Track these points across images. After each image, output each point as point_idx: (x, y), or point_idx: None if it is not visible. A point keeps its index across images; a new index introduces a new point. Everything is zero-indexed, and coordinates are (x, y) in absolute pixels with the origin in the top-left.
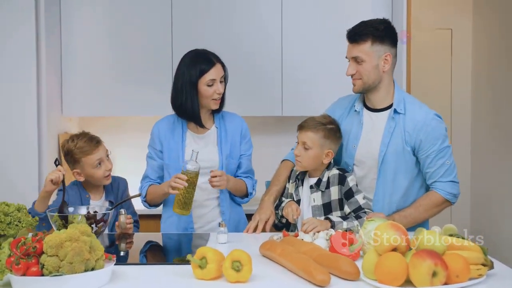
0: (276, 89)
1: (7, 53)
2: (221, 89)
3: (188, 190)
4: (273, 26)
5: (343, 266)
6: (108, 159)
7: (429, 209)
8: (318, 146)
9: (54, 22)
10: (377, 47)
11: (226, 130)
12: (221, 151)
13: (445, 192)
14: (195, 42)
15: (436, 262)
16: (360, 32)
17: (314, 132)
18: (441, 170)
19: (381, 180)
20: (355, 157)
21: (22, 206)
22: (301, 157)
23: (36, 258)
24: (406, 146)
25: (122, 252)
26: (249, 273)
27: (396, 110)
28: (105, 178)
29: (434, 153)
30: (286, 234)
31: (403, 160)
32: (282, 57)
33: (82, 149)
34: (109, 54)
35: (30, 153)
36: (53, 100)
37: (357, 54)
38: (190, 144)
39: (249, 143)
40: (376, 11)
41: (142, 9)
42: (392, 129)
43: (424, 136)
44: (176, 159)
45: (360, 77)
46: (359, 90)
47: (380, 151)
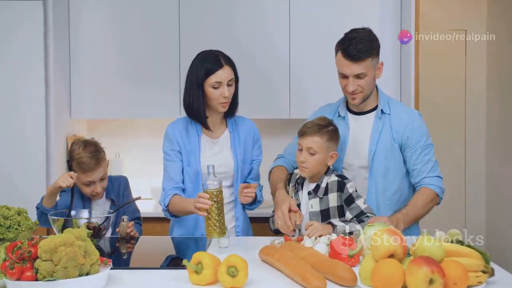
0: (283, 92)
1: (15, 56)
2: (227, 92)
3: (217, 211)
4: (280, 28)
5: (340, 272)
6: (102, 181)
7: (425, 205)
8: (324, 149)
9: (62, 25)
10: (375, 60)
11: (239, 134)
12: (235, 156)
13: (435, 187)
14: (203, 44)
15: (433, 269)
16: (363, 49)
17: (319, 137)
18: (428, 165)
19: (372, 179)
20: (344, 160)
21: (23, 209)
22: (307, 163)
23: (31, 262)
24: (394, 143)
25: (124, 255)
26: (245, 278)
27: (382, 111)
28: (92, 195)
29: (420, 148)
30: (288, 239)
31: (392, 157)
32: (290, 59)
33: (80, 164)
34: (117, 57)
35: (38, 156)
36: (61, 103)
37: (361, 71)
38: (205, 148)
39: (260, 148)
40: (384, 13)
41: (150, 12)
42: (380, 128)
43: (411, 132)
44: (193, 164)
45: (361, 91)
46: (360, 102)
47: (370, 150)
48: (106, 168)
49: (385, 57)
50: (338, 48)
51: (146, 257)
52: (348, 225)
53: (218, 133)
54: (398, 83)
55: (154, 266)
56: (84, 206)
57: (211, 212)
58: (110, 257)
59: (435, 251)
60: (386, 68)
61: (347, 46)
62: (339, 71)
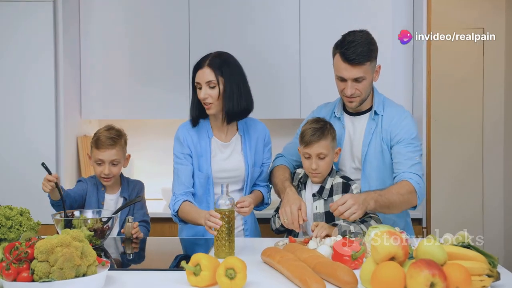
0: (293, 92)
1: (25, 56)
2: (202, 94)
3: (227, 231)
4: (291, 28)
5: (341, 275)
6: (113, 166)
7: (400, 193)
8: (331, 149)
9: (73, 26)
10: (373, 63)
11: (250, 138)
12: (246, 159)
13: (414, 181)
14: (212, 45)
15: (434, 272)
16: (362, 53)
17: (325, 139)
18: (409, 162)
19: (365, 181)
20: (339, 161)
21: (25, 210)
22: (320, 168)
23: (27, 263)
24: (383, 144)
25: (130, 256)
26: (243, 280)
27: (376, 112)
28: (102, 178)
29: (405, 141)
30: (292, 240)
31: (382, 160)
32: (300, 59)
33: (96, 141)
34: (127, 58)
35: (48, 155)
36: (72, 103)
37: (359, 75)
38: (215, 152)
39: (270, 151)
40: (396, 12)
41: (160, 12)
42: (373, 129)
43: (399, 130)
44: (204, 168)
45: (359, 95)
46: (357, 106)
47: (362, 151)
48: (121, 156)
49: (397, 58)
50: (335, 51)
51: (151, 258)
52: (352, 225)
53: (229, 136)
54: (410, 83)
55: (162, 267)
56: (98, 199)
57: (222, 232)
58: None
59: (437, 253)
60: (398, 69)
61: (345, 49)
62: (337, 74)
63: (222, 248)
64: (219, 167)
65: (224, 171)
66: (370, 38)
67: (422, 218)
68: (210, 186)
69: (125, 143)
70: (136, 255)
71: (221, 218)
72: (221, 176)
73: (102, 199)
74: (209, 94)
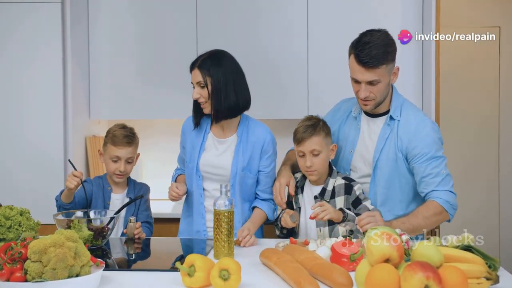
0: (301, 92)
1: (34, 57)
2: (194, 94)
3: (226, 232)
4: (298, 27)
5: (336, 277)
6: (127, 164)
7: (428, 217)
8: (325, 146)
9: (81, 27)
10: (390, 65)
11: (247, 141)
12: (236, 162)
13: (442, 200)
14: (220, 45)
15: (428, 275)
16: (376, 56)
17: (317, 136)
18: (437, 179)
19: (374, 186)
20: (352, 162)
21: (25, 210)
22: (315, 165)
23: (21, 263)
24: (398, 152)
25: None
26: (237, 282)
27: (392, 117)
28: (115, 175)
29: (428, 160)
30: (294, 241)
31: (395, 167)
32: (308, 59)
33: (112, 138)
34: (136, 58)
35: (56, 156)
36: (80, 104)
37: (374, 78)
38: (210, 147)
39: (271, 158)
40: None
41: (168, 13)
42: (387, 135)
43: (417, 142)
44: (192, 160)
45: (373, 98)
46: (372, 109)
47: (374, 157)
48: (134, 156)
49: (406, 58)
50: (351, 50)
51: (153, 258)
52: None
53: (227, 134)
54: (420, 84)
55: (163, 267)
56: (104, 199)
57: (221, 233)
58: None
59: (432, 256)
60: (407, 69)
61: (360, 51)
62: (351, 75)
63: (222, 249)
64: (207, 162)
65: (211, 167)
66: (388, 39)
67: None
68: (199, 178)
69: (138, 142)
70: (138, 255)
71: (220, 219)
72: (208, 170)
73: (108, 198)
74: (200, 94)
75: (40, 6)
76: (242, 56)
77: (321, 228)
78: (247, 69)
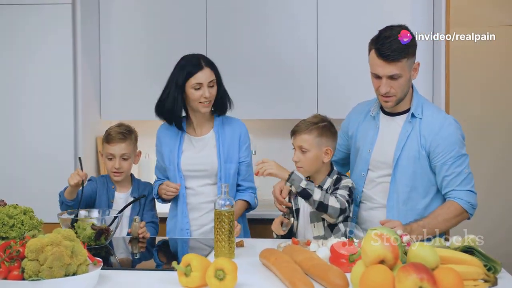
0: (311, 92)
1: (44, 57)
2: (207, 93)
3: (227, 232)
4: (308, 28)
5: (332, 277)
6: (124, 160)
7: (448, 219)
8: (315, 146)
9: (92, 27)
10: (411, 60)
11: (225, 134)
12: (219, 155)
13: (462, 201)
14: (229, 46)
15: (422, 276)
16: (398, 49)
17: (307, 134)
18: (458, 178)
19: (394, 186)
20: (370, 162)
21: (29, 209)
22: (301, 162)
23: (19, 262)
24: (422, 150)
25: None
26: (233, 282)
27: (413, 114)
28: (112, 173)
29: (452, 159)
30: (296, 242)
31: (419, 166)
32: (317, 59)
33: (107, 136)
34: (147, 58)
35: (66, 156)
36: (91, 104)
37: (395, 72)
38: (187, 146)
39: (248, 149)
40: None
41: (178, 13)
42: (408, 132)
43: (441, 140)
44: (173, 162)
45: (394, 94)
46: (393, 106)
47: (394, 155)
48: (131, 151)
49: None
50: (371, 46)
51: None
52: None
53: (202, 132)
54: (430, 83)
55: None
56: (108, 197)
57: (222, 233)
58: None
59: (428, 257)
60: None
61: (380, 45)
62: (372, 71)
63: (222, 249)
64: (189, 161)
65: (195, 165)
66: (410, 32)
67: None
68: (181, 179)
69: (135, 139)
70: (142, 254)
71: (221, 219)
72: (192, 169)
73: (112, 197)
74: (210, 93)
75: (51, 7)
76: (252, 56)
77: (315, 224)
78: (256, 69)
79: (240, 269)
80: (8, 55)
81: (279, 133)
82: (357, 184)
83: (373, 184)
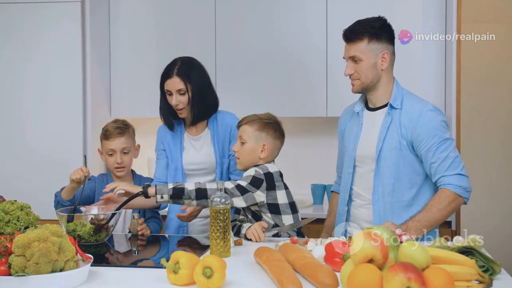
0: (321, 90)
1: (53, 54)
2: (173, 101)
3: (222, 230)
4: (318, 25)
5: (321, 277)
6: (124, 154)
7: (442, 208)
8: (253, 138)
9: (102, 25)
10: (374, 45)
11: (218, 130)
12: (216, 151)
13: (453, 186)
14: (239, 44)
15: (410, 276)
16: (356, 31)
17: (249, 125)
18: (445, 163)
19: (378, 178)
20: (356, 158)
21: (26, 205)
22: (239, 153)
23: (6, 257)
24: (402, 140)
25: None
26: (221, 280)
27: (392, 106)
28: (115, 169)
29: (435, 145)
30: (294, 241)
31: (401, 156)
32: (327, 56)
33: (105, 132)
34: (156, 56)
35: (76, 154)
36: (101, 102)
37: (354, 53)
38: (187, 146)
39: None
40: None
41: (188, 11)
42: (388, 124)
43: (421, 128)
44: (175, 161)
45: (358, 77)
46: (358, 90)
47: (377, 148)
48: (131, 144)
49: (429, 56)
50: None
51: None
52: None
53: (199, 131)
54: (442, 82)
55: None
56: None
57: (217, 231)
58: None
59: (417, 256)
60: (429, 67)
61: (347, 27)
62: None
63: (217, 247)
64: (190, 160)
65: (195, 164)
66: (380, 21)
67: (451, 221)
68: (182, 178)
69: (133, 132)
70: (141, 251)
71: (216, 216)
72: (192, 168)
73: None
74: (179, 101)
75: (60, 4)
76: (261, 54)
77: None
78: (266, 68)
79: (234, 267)
80: (16, 53)
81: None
82: (345, 182)
83: (361, 180)
